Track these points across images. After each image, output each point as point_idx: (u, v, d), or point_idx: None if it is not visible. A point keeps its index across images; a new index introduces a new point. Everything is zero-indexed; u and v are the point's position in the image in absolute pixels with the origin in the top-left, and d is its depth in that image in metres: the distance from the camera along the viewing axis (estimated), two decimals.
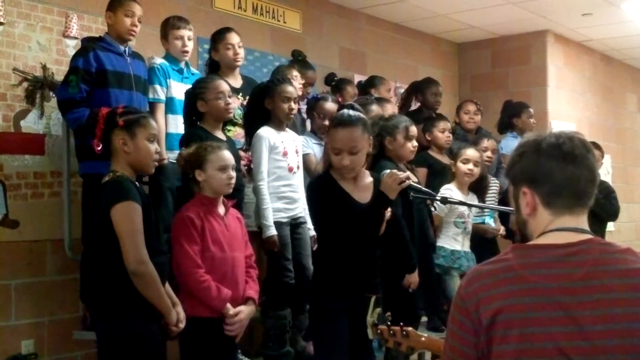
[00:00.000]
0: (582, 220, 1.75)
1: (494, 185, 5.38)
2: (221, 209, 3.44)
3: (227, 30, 4.60)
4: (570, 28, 7.85)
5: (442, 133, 5.25)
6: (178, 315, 3.11)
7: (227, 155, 3.44)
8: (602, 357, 1.57)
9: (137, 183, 3.12)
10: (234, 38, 4.52)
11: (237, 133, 4.48)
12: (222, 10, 5.67)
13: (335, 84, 5.87)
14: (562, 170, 1.72)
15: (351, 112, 3.28)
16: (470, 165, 4.83)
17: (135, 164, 3.09)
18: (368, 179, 3.37)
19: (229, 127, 4.36)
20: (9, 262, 4.22)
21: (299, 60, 5.51)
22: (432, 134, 5.27)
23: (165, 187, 4.17)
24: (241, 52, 4.55)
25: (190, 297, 3.30)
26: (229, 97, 3.97)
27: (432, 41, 7.92)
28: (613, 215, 6.11)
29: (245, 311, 3.38)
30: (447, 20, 7.37)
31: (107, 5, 4.13)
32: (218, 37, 4.56)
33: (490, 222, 5.18)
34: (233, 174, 3.45)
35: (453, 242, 4.73)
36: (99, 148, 3.10)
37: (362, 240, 3.28)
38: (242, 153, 4.22)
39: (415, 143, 4.33)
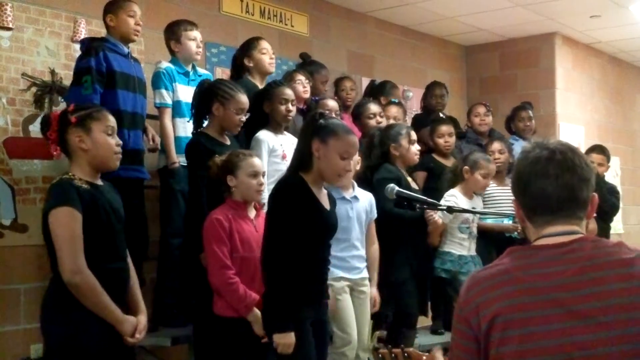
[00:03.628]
0: (570, 225, 1.73)
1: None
2: (252, 213, 3.49)
3: (259, 37, 4.68)
4: (578, 30, 7.82)
5: (441, 138, 5.23)
6: (139, 324, 2.93)
7: (258, 162, 3.49)
8: (603, 349, 1.56)
9: (93, 184, 2.89)
10: (267, 44, 4.62)
11: None
12: (229, 15, 5.67)
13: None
14: (533, 186, 1.73)
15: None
16: (489, 180, 4.84)
17: (96, 160, 2.90)
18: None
19: None
20: (18, 266, 4.24)
21: (309, 62, 5.50)
22: (432, 140, 5.30)
23: (177, 190, 4.21)
24: (274, 59, 4.66)
25: (221, 297, 3.35)
26: (245, 115, 3.91)
27: (440, 44, 7.91)
28: (611, 210, 5.94)
29: None
30: (454, 23, 7.36)
31: (105, 9, 4.10)
32: (252, 44, 4.59)
33: (509, 222, 5.08)
34: (263, 180, 3.50)
35: (459, 247, 4.70)
36: (56, 153, 2.93)
37: (327, 246, 3.20)
38: None
39: (418, 146, 4.55)
